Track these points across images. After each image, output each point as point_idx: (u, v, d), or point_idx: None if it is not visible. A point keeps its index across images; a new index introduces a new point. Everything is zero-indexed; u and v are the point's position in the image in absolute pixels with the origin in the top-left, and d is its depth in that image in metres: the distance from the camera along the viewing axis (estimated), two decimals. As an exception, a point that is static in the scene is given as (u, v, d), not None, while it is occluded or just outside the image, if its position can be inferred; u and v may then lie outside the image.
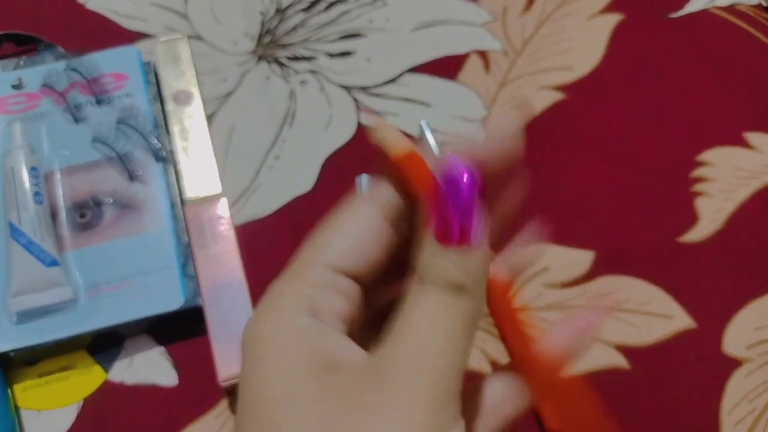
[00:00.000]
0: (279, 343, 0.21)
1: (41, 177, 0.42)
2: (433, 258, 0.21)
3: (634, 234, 0.44)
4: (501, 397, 0.23)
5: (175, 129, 0.45)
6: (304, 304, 0.22)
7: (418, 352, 0.20)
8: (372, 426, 0.19)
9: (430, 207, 0.21)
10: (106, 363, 0.41)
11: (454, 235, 0.20)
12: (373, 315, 0.25)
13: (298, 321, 0.22)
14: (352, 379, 0.20)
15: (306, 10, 0.52)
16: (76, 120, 0.45)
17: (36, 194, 0.41)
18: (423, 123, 0.29)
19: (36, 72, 0.46)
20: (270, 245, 0.44)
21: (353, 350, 0.22)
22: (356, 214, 0.24)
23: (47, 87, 0.45)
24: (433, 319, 0.20)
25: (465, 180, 0.20)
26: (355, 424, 0.19)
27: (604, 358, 0.41)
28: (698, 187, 0.46)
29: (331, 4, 0.52)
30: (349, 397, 0.20)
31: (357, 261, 0.23)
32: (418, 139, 0.27)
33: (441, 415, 0.20)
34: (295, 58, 0.50)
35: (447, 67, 0.50)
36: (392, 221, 0.24)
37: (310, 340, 0.21)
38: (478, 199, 0.21)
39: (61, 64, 0.46)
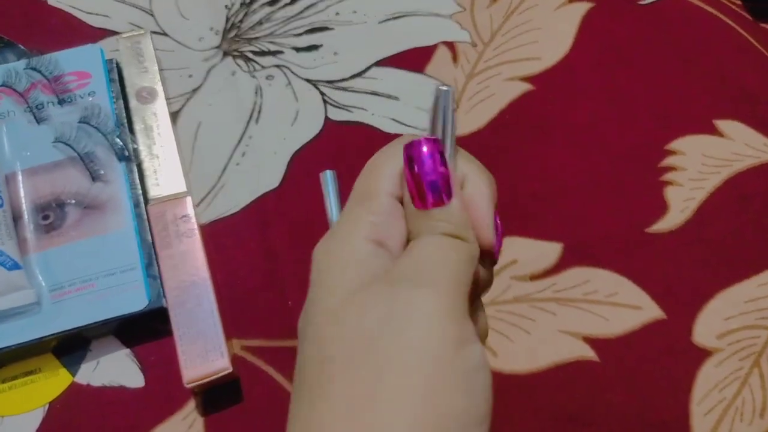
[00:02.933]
0: (341, 266, 0.24)
1: (2, 179, 0.42)
2: (420, 222, 0.24)
3: (603, 225, 0.44)
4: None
5: (138, 127, 0.45)
6: (369, 234, 0.24)
7: (422, 263, 0.23)
8: (400, 335, 0.21)
9: (403, 181, 0.24)
10: (72, 366, 0.40)
11: (428, 199, 0.24)
12: None
13: (361, 251, 0.24)
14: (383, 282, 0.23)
15: (271, 3, 0.51)
16: (38, 120, 0.44)
17: (-5, 197, 0.40)
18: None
19: (-5, 71, 0.45)
20: (237, 243, 0.44)
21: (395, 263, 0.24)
22: (390, 154, 0.25)
23: (7, 87, 0.44)
24: (446, 257, 0.23)
25: (424, 149, 0.24)
26: (389, 334, 0.22)
27: (572, 350, 0.40)
28: (668, 177, 0.46)
29: (298, -3, 0.51)
30: (390, 287, 0.22)
31: (401, 187, 0.25)
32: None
33: (454, 323, 0.22)
34: (261, 53, 0.49)
35: (415, 60, 0.49)
36: None
37: (368, 269, 0.23)
38: (439, 161, 0.24)
39: (21, 63, 0.45)
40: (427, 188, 0.24)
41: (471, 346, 0.23)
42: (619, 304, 0.42)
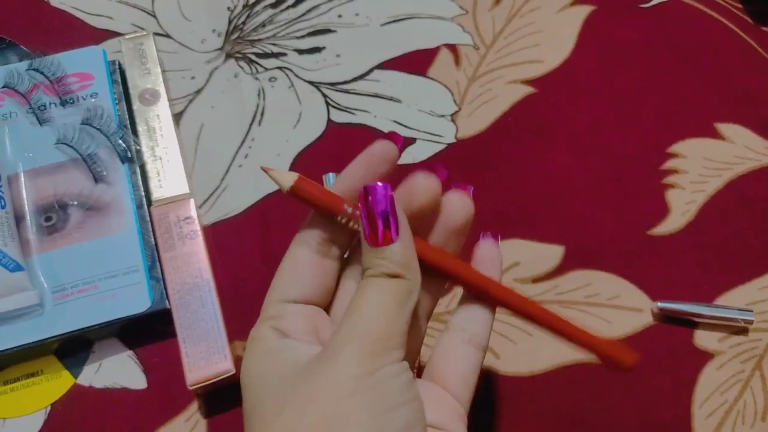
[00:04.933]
0: (258, 369, 0.27)
1: (4, 180, 0.41)
2: (370, 258, 0.27)
3: (605, 228, 0.44)
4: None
5: (141, 129, 0.45)
6: (272, 333, 0.28)
7: (354, 324, 0.26)
8: (319, 385, 0.25)
9: (360, 221, 0.28)
10: (74, 367, 0.40)
11: (379, 237, 0.27)
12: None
13: (268, 345, 0.28)
14: (309, 361, 0.26)
15: (274, 5, 0.51)
16: (40, 121, 0.44)
17: (-2, 198, 0.40)
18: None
19: (-3, 72, 0.45)
20: (240, 245, 0.44)
21: (313, 349, 0.27)
22: (293, 255, 0.30)
23: (9, 88, 0.44)
24: (369, 299, 0.26)
25: (379, 193, 0.27)
26: (307, 382, 0.25)
27: (575, 352, 0.41)
28: (669, 180, 0.46)
29: (300, 0, 0.51)
30: (305, 372, 0.26)
31: (299, 290, 0.29)
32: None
33: (373, 362, 0.25)
34: (264, 55, 0.49)
35: (417, 62, 0.49)
36: (322, 251, 0.30)
37: (278, 356, 0.27)
38: (391, 204, 0.27)
39: (23, 65, 0.45)
40: (378, 217, 0.27)
41: (385, 370, 0.26)
42: (621, 307, 0.42)
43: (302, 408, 0.25)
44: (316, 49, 0.50)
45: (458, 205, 0.30)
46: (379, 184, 0.27)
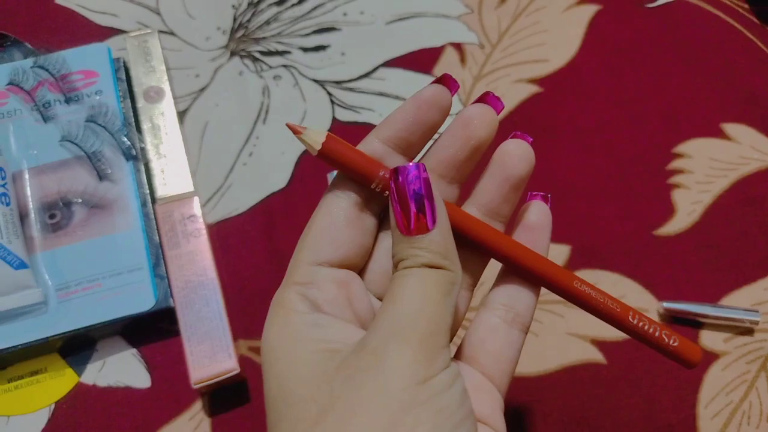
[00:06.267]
0: (285, 348, 0.24)
1: (9, 178, 0.41)
2: (404, 248, 0.24)
3: (611, 227, 0.44)
4: None
5: (145, 126, 0.45)
6: (301, 302, 0.25)
7: (398, 318, 0.23)
8: (365, 395, 0.22)
9: (390, 205, 0.24)
10: (78, 366, 0.40)
11: (411, 224, 0.23)
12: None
13: (296, 319, 0.24)
14: (349, 356, 0.23)
15: (279, 3, 0.51)
16: (45, 119, 0.44)
17: (2, 195, 0.40)
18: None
19: (2, 69, 0.45)
20: (244, 243, 0.43)
21: (347, 330, 0.24)
22: (327, 211, 0.26)
23: (14, 85, 0.44)
24: (412, 289, 0.23)
25: (411, 173, 0.24)
26: (352, 388, 0.22)
27: (580, 352, 0.40)
28: (675, 180, 0.46)
29: (305, -3, 0.51)
30: (346, 370, 0.22)
31: (334, 251, 0.25)
32: None
33: (426, 368, 0.22)
34: (269, 53, 0.49)
35: (422, 61, 0.49)
36: (359, 205, 0.26)
37: (309, 337, 0.24)
38: (426, 186, 0.24)
39: (28, 62, 0.45)
40: (411, 200, 0.24)
41: (438, 378, 0.22)
42: (627, 307, 0.42)
43: (346, 422, 0.21)
44: (321, 47, 0.50)
45: (517, 153, 0.26)
46: (412, 164, 0.24)
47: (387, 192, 0.25)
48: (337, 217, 0.25)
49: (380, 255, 0.27)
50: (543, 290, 0.42)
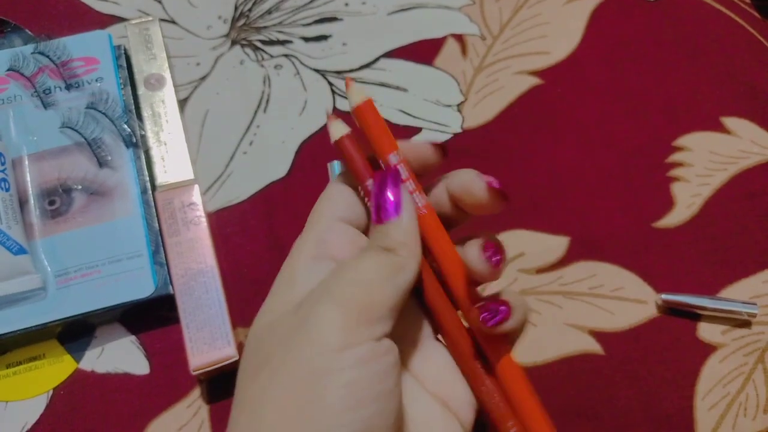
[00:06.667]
0: (282, 285, 0.27)
1: (8, 163, 0.41)
2: (371, 234, 0.27)
3: (610, 219, 0.44)
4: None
5: (146, 114, 0.45)
6: (311, 252, 0.27)
7: (338, 281, 0.25)
8: (295, 353, 0.23)
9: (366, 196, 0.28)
10: (76, 352, 0.40)
11: (381, 215, 0.26)
12: None
13: (301, 269, 0.27)
14: (293, 311, 0.25)
15: (281, -8, 0.51)
16: (45, 105, 0.44)
17: (2, 181, 0.40)
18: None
19: (2, 55, 0.45)
20: (244, 231, 0.43)
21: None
22: (339, 187, 0.29)
23: (14, 71, 0.44)
24: (358, 263, 0.25)
25: (389, 177, 0.27)
26: (284, 345, 0.24)
27: (578, 343, 0.41)
28: (674, 172, 0.46)
29: (307, -13, 0.51)
30: (286, 334, 0.24)
31: (352, 213, 0.28)
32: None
33: (346, 335, 0.23)
34: (270, 42, 0.49)
35: (424, 52, 0.49)
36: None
37: (306, 284, 0.26)
38: (395, 186, 0.27)
39: (28, 48, 0.45)
40: (381, 190, 0.27)
41: (358, 350, 0.24)
42: (625, 299, 0.42)
43: (273, 380, 0.23)
44: (323, 37, 0.49)
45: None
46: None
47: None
48: (351, 193, 0.29)
49: None
50: (542, 280, 0.42)
